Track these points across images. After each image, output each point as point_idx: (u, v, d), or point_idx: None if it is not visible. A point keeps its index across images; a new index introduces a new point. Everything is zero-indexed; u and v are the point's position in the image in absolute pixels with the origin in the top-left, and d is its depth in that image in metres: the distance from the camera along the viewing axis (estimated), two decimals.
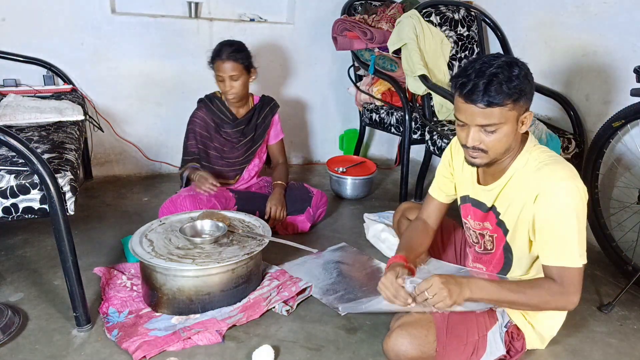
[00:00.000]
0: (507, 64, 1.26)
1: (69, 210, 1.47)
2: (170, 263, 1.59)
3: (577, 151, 2.39)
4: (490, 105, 1.24)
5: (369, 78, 3.01)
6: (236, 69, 2.19)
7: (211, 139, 2.33)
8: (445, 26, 2.78)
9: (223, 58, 2.18)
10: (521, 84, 1.25)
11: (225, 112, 2.34)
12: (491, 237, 1.50)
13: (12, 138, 1.36)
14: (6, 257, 1.98)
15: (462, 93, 1.27)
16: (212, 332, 1.54)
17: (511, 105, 1.25)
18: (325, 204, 2.48)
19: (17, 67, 2.56)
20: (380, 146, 3.67)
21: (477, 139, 1.31)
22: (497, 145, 1.31)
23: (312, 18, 3.14)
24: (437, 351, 1.36)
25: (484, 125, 1.28)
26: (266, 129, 2.43)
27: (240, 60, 2.20)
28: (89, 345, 1.51)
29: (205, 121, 2.31)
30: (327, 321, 1.69)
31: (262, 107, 2.42)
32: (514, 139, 1.34)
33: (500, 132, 1.28)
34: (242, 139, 2.38)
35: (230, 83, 2.21)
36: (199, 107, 2.34)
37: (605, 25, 2.29)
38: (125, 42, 2.75)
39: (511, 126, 1.29)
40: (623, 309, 1.88)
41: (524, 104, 1.29)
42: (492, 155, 1.33)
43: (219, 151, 2.35)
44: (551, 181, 1.29)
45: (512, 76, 1.24)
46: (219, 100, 2.35)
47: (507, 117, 1.27)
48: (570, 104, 2.45)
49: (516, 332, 1.47)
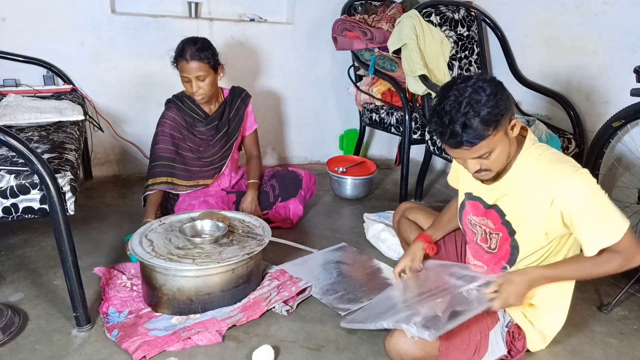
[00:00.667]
0: (474, 94, 1.24)
1: (69, 210, 1.47)
2: (170, 263, 1.59)
3: (577, 151, 2.39)
4: (474, 144, 1.26)
5: (369, 78, 3.01)
6: (202, 69, 2.05)
7: (184, 140, 2.21)
8: (445, 26, 2.78)
9: (187, 58, 2.03)
10: (495, 108, 1.24)
11: (196, 111, 2.23)
12: (496, 235, 1.50)
13: (12, 138, 1.36)
14: (6, 257, 1.98)
15: (444, 142, 1.31)
16: (212, 332, 1.54)
17: (494, 130, 1.26)
18: (314, 183, 2.53)
19: (17, 67, 2.56)
20: (380, 146, 3.67)
21: (476, 166, 1.34)
22: (497, 162, 1.34)
23: (312, 18, 3.14)
24: (440, 350, 1.37)
25: (476, 157, 1.32)
26: (240, 121, 2.33)
27: (205, 60, 2.05)
28: (89, 345, 1.51)
29: (176, 121, 2.18)
30: (327, 321, 1.69)
31: (232, 100, 2.31)
32: (511, 146, 1.36)
33: (495, 153, 1.31)
34: (216, 134, 2.28)
35: (197, 84, 2.07)
36: (169, 107, 2.21)
37: (605, 25, 2.29)
38: (125, 42, 2.75)
39: (503, 143, 1.31)
40: (623, 309, 1.88)
41: (505, 120, 1.29)
42: (496, 170, 1.37)
43: (194, 151, 2.24)
44: (564, 179, 1.30)
45: (484, 106, 1.23)
46: (188, 99, 2.22)
47: (496, 140, 1.29)
48: (570, 104, 2.45)
49: (517, 332, 1.48)
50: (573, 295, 1.95)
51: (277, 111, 3.25)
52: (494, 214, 1.46)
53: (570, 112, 2.44)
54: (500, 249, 1.49)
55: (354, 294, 1.85)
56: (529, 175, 1.36)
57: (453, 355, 1.38)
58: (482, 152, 1.29)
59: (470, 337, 1.40)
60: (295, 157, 3.45)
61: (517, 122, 1.33)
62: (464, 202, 1.58)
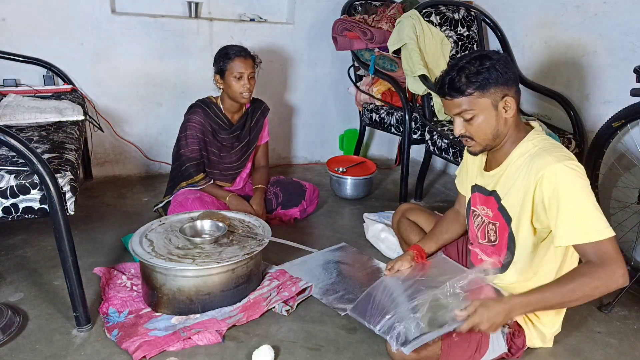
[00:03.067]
0: (479, 57, 1.35)
1: (69, 210, 1.47)
2: (170, 263, 1.59)
3: (577, 151, 2.38)
4: (454, 97, 1.36)
5: (369, 78, 3.01)
6: (253, 67, 2.22)
7: (209, 144, 2.29)
8: (445, 26, 2.78)
9: (243, 55, 2.19)
10: (487, 74, 1.32)
11: (222, 118, 2.31)
12: (494, 225, 1.50)
13: (12, 138, 1.36)
14: (6, 257, 1.98)
15: (436, 88, 1.42)
16: (212, 332, 1.54)
17: (478, 93, 1.34)
18: (317, 197, 2.56)
19: (17, 67, 2.56)
20: (380, 146, 3.67)
21: (460, 128, 1.41)
22: (480, 132, 1.39)
23: (312, 18, 3.14)
24: (442, 350, 1.38)
25: (458, 113, 1.38)
26: (259, 132, 2.43)
27: (253, 59, 2.23)
28: (89, 345, 1.51)
29: (203, 126, 2.25)
30: (327, 321, 1.69)
31: (254, 111, 2.41)
32: (501, 125, 1.39)
33: (478, 119, 1.37)
34: (237, 144, 2.37)
35: (249, 81, 2.20)
36: (195, 111, 2.26)
37: (605, 25, 2.29)
38: (125, 42, 2.75)
39: (488, 113, 1.36)
40: (623, 309, 1.88)
41: (495, 91, 1.34)
42: (480, 142, 1.41)
43: (217, 156, 2.33)
44: (549, 164, 1.31)
45: (479, 68, 1.33)
46: (215, 105, 2.31)
47: (479, 104, 1.35)
48: (570, 104, 2.45)
49: (517, 329, 1.48)
50: None
51: (277, 111, 3.25)
52: (492, 201, 1.49)
53: (570, 112, 2.44)
54: (501, 239, 1.49)
55: (354, 294, 1.84)
56: (522, 161, 1.40)
57: (455, 354, 1.39)
58: (462, 109, 1.36)
59: (471, 335, 1.40)
60: (295, 157, 3.45)
61: (511, 101, 1.36)
62: (470, 198, 1.61)
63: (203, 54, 2.92)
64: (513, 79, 1.37)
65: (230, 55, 2.19)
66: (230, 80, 2.19)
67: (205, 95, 2.36)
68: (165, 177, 2.95)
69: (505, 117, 1.38)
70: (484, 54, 1.36)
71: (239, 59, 2.18)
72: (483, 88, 1.33)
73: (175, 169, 2.28)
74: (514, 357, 1.50)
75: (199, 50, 2.91)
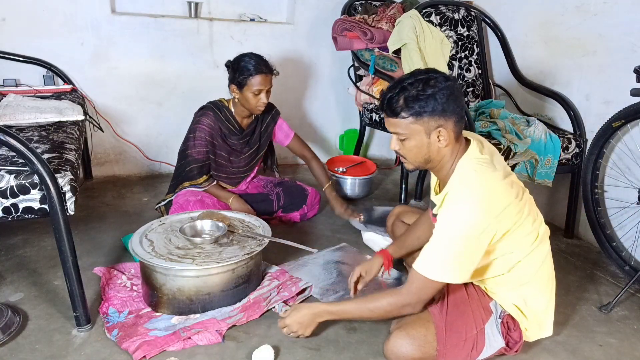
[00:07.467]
0: (424, 81, 1.29)
1: (69, 210, 1.47)
2: (170, 263, 1.59)
3: (577, 151, 2.39)
4: (389, 116, 1.34)
5: (369, 78, 3.01)
6: (272, 81, 2.17)
7: (218, 147, 2.27)
8: (445, 26, 2.78)
9: (265, 72, 2.12)
10: (424, 102, 1.28)
11: (233, 123, 2.28)
12: None
13: (12, 138, 1.36)
14: (6, 257, 1.98)
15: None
16: (212, 332, 1.54)
17: (412, 119, 1.31)
18: (318, 202, 2.55)
19: (17, 67, 2.56)
20: (380, 146, 3.67)
21: (395, 144, 1.39)
22: (411, 154, 1.38)
23: (312, 18, 3.14)
24: (438, 350, 1.38)
25: (393, 132, 1.37)
26: (269, 137, 2.42)
27: (272, 72, 2.17)
28: (89, 345, 1.51)
29: (213, 128, 2.22)
30: (327, 321, 1.69)
31: (264, 116, 2.39)
32: (434, 152, 1.36)
33: (409, 142, 1.35)
34: (247, 149, 2.36)
35: (266, 95, 2.16)
36: (206, 114, 2.22)
37: (605, 25, 2.29)
38: (125, 42, 2.75)
39: (420, 139, 1.33)
40: (623, 309, 1.88)
41: (429, 120, 1.30)
42: (411, 162, 1.41)
43: (226, 160, 2.31)
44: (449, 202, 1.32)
45: (418, 94, 1.28)
46: (226, 109, 2.27)
47: (411, 129, 1.32)
48: (570, 104, 2.45)
49: (512, 322, 1.47)
50: (573, 296, 1.96)
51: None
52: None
53: (570, 112, 2.44)
54: None
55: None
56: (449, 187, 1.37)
57: (451, 354, 1.39)
58: (396, 130, 1.35)
59: (466, 332, 1.40)
60: (295, 157, 3.44)
61: (444, 134, 1.31)
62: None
63: (203, 53, 2.92)
64: (453, 111, 1.31)
65: (252, 71, 2.10)
66: (248, 95, 2.14)
67: (205, 95, 2.35)
68: (166, 177, 2.97)
69: (438, 145, 1.34)
70: (430, 78, 1.29)
71: (260, 76, 2.11)
72: (417, 115, 1.29)
73: (179, 167, 2.27)
74: (512, 351, 1.49)
75: (199, 50, 2.91)
